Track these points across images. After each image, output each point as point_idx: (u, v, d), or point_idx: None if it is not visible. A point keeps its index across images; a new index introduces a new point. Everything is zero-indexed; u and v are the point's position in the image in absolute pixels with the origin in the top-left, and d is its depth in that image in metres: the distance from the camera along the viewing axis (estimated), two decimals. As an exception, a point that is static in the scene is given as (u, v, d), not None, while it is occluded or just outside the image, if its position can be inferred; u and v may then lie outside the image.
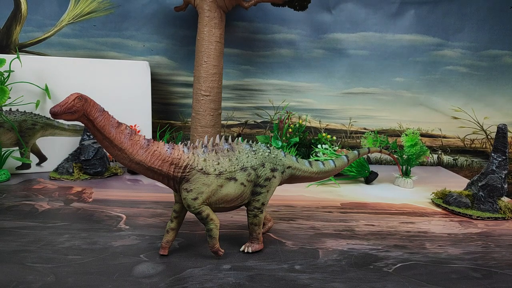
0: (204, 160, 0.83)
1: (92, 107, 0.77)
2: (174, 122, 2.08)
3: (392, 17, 2.02)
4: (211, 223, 0.84)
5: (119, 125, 0.80)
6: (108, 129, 0.78)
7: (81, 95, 0.76)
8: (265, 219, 1.02)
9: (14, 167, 1.57)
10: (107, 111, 0.80)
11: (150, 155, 0.80)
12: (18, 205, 1.20)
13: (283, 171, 0.92)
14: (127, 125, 0.82)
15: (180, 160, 0.82)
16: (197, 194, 0.81)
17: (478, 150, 2.19)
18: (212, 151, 0.85)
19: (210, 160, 0.84)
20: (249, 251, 0.90)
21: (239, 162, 0.86)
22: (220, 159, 0.85)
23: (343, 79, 2.09)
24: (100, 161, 1.56)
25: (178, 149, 0.83)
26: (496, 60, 2.08)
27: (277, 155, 0.92)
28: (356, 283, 0.77)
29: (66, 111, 0.74)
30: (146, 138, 0.83)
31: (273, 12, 1.97)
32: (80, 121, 0.79)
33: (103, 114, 0.79)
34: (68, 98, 0.75)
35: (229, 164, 0.85)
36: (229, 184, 0.84)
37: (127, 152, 0.79)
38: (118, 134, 0.79)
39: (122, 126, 0.81)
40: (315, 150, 1.69)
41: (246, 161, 0.86)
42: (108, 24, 1.90)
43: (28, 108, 1.54)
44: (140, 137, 0.81)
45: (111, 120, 0.79)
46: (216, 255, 0.87)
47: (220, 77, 1.62)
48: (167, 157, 0.81)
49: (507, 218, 1.23)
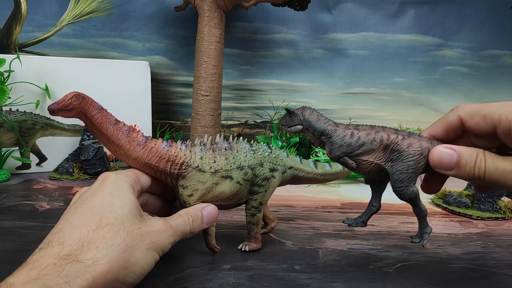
0: (201, 158, 0.84)
1: (89, 105, 0.80)
2: (174, 122, 2.08)
3: (392, 17, 2.02)
4: None
5: (117, 122, 0.82)
6: (106, 126, 0.80)
7: (78, 93, 0.79)
8: (268, 219, 1.02)
9: (14, 167, 1.57)
10: (105, 109, 0.83)
11: (147, 152, 0.82)
12: (18, 205, 1.20)
13: (284, 171, 0.92)
14: (125, 123, 0.84)
15: (177, 157, 0.83)
16: (192, 191, 0.82)
17: (478, 150, 2.19)
18: (210, 150, 0.86)
19: (206, 158, 0.84)
20: (246, 249, 0.90)
21: (236, 161, 0.86)
22: (216, 158, 0.85)
23: (343, 79, 2.09)
24: (100, 161, 1.56)
25: (175, 147, 0.84)
26: (496, 60, 2.08)
27: (279, 155, 0.92)
28: (356, 283, 0.77)
29: (63, 108, 0.77)
30: (144, 136, 0.84)
31: (273, 12, 1.97)
32: (78, 118, 0.81)
33: (101, 112, 0.81)
34: (65, 96, 0.78)
35: (225, 163, 0.85)
36: (224, 182, 0.85)
37: (124, 148, 0.81)
38: (116, 131, 0.81)
39: (120, 123, 0.83)
40: (315, 150, 1.69)
41: (244, 160, 0.87)
42: (108, 24, 1.90)
43: (28, 108, 1.54)
44: (138, 134, 0.83)
45: (109, 118, 0.82)
46: (212, 251, 0.88)
47: (220, 77, 1.62)
48: (164, 154, 0.83)
49: (507, 218, 1.23)
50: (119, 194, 0.70)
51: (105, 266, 0.57)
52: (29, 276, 0.52)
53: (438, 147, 0.67)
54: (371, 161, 0.69)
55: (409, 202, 0.72)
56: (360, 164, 0.69)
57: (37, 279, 0.52)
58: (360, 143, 0.68)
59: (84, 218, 0.63)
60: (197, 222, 0.77)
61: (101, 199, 0.67)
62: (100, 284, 0.56)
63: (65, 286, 0.52)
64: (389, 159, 0.69)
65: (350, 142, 0.68)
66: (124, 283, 0.61)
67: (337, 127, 0.70)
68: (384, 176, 0.72)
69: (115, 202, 0.67)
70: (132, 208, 0.68)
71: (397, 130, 0.71)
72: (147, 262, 0.64)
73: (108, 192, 0.69)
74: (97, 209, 0.65)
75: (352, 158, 0.69)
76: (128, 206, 0.68)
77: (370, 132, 0.69)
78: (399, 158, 0.68)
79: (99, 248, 0.59)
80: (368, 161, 0.69)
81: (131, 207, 0.68)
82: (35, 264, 0.54)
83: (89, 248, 0.58)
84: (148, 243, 0.65)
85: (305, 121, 0.70)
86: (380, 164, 0.69)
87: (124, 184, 0.73)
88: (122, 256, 0.60)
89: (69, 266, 0.55)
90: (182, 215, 0.76)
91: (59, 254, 0.55)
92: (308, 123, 0.70)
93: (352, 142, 0.68)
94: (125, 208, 0.67)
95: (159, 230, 0.69)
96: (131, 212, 0.67)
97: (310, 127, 0.70)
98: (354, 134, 0.69)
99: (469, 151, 0.65)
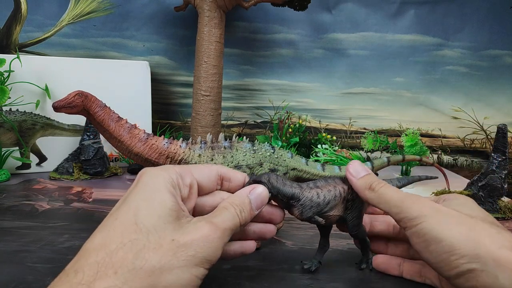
0: (199, 156, 0.87)
1: (92, 102, 0.86)
2: (174, 122, 2.08)
3: (392, 17, 2.02)
4: None
5: (119, 119, 0.88)
6: (108, 123, 0.86)
7: (81, 92, 0.86)
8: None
9: (14, 167, 1.57)
10: (108, 107, 0.89)
11: (148, 148, 0.87)
12: (18, 205, 1.20)
13: (285, 172, 0.92)
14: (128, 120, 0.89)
15: (176, 154, 0.87)
16: None
17: (478, 150, 2.20)
18: (209, 148, 0.88)
19: (204, 156, 0.87)
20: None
21: (234, 160, 0.87)
22: (215, 156, 0.87)
23: (343, 79, 2.09)
24: (100, 161, 1.56)
25: (175, 144, 0.88)
26: (496, 60, 2.08)
27: (282, 156, 0.92)
28: (356, 283, 0.77)
29: (65, 105, 0.85)
30: (146, 133, 0.89)
31: (273, 12, 1.97)
32: (81, 114, 0.88)
33: (104, 110, 0.87)
34: (69, 94, 0.85)
35: (223, 161, 0.87)
36: None
37: (126, 144, 0.87)
38: (117, 128, 0.87)
39: (122, 120, 0.88)
40: (315, 150, 1.69)
41: (242, 159, 0.87)
42: (108, 24, 1.90)
43: (28, 108, 1.54)
44: (140, 131, 0.88)
45: (111, 115, 0.87)
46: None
47: (220, 77, 1.62)
48: (163, 151, 0.87)
49: (507, 218, 1.23)
50: (150, 198, 0.56)
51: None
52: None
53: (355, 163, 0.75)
54: (335, 214, 0.75)
55: (360, 239, 0.80)
56: (327, 219, 0.74)
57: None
58: (327, 201, 0.73)
59: (104, 237, 0.52)
60: (246, 211, 0.64)
61: (127, 209, 0.55)
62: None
63: None
64: (345, 208, 0.76)
65: (319, 202, 0.72)
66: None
67: (302, 189, 0.73)
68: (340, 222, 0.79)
69: (141, 210, 0.54)
70: (163, 214, 0.54)
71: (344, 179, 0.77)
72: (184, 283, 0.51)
73: (137, 198, 0.57)
74: (119, 223, 0.53)
75: (321, 215, 0.73)
76: (158, 212, 0.54)
77: (330, 189, 0.74)
78: (353, 206, 0.76)
79: (117, 274, 0.48)
80: (333, 215, 0.74)
81: (162, 213, 0.54)
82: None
83: (106, 274, 0.47)
84: (184, 259, 0.52)
85: (274, 188, 0.71)
86: (341, 215, 0.76)
87: (160, 184, 0.58)
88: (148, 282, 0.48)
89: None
90: (227, 207, 0.62)
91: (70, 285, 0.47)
92: (276, 190, 0.71)
93: (320, 202, 0.73)
94: (154, 215, 0.54)
95: (202, 237, 0.54)
96: (161, 219, 0.54)
97: (279, 193, 0.71)
98: (319, 194, 0.73)
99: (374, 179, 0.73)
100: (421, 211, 0.64)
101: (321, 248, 0.81)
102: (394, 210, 0.67)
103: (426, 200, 0.67)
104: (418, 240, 0.65)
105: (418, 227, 0.64)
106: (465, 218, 0.63)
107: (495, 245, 0.58)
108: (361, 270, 0.81)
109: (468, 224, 0.62)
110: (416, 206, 0.65)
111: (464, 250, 0.59)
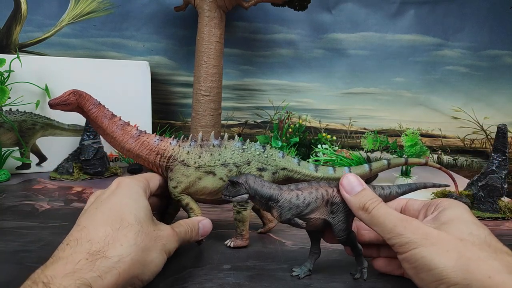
0: (187, 153, 0.89)
1: (86, 101, 0.91)
2: (174, 122, 2.08)
3: (392, 17, 2.02)
4: (191, 212, 0.90)
5: (112, 116, 0.92)
6: (101, 120, 0.91)
7: (76, 91, 0.90)
8: (266, 220, 1.01)
9: (14, 167, 1.57)
10: (102, 105, 0.93)
11: (139, 144, 0.91)
12: (18, 205, 1.20)
13: (275, 172, 0.91)
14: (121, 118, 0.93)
15: (165, 151, 0.90)
16: (177, 183, 0.88)
17: (478, 150, 2.20)
18: (198, 145, 0.90)
19: (192, 153, 0.89)
20: (231, 245, 0.91)
21: (221, 158, 0.89)
22: (202, 153, 0.89)
23: (343, 79, 2.09)
24: (100, 161, 1.56)
25: (166, 141, 0.92)
26: (496, 60, 2.08)
27: (272, 155, 0.92)
28: (356, 283, 0.77)
29: (60, 103, 0.89)
30: (139, 130, 0.93)
31: (273, 12, 1.97)
32: (76, 112, 0.93)
33: (98, 107, 0.92)
34: (64, 92, 0.90)
35: (210, 159, 0.89)
36: (207, 178, 0.88)
37: (118, 140, 0.91)
38: (111, 125, 0.91)
39: (116, 118, 0.92)
40: (315, 150, 1.69)
41: (230, 158, 0.89)
42: (108, 24, 1.90)
43: (28, 108, 1.54)
44: (133, 128, 0.92)
45: (105, 112, 0.92)
46: (198, 243, 0.91)
47: (220, 77, 1.62)
48: (154, 147, 0.91)
49: (507, 218, 1.23)
50: (136, 198, 0.74)
51: (128, 264, 0.61)
52: (65, 270, 0.56)
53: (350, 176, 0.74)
54: (317, 218, 0.73)
55: (350, 245, 0.77)
56: (308, 222, 0.73)
57: (73, 273, 0.55)
58: (307, 203, 0.72)
59: (107, 218, 0.67)
60: (194, 232, 0.84)
61: (120, 201, 0.72)
62: (124, 280, 0.61)
63: (99, 279, 0.57)
64: (330, 211, 0.74)
65: (298, 204, 0.72)
66: (141, 280, 0.65)
67: (281, 190, 0.73)
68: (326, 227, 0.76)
69: (132, 205, 0.72)
70: (146, 212, 0.73)
71: (330, 182, 0.76)
72: (160, 262, 0.70)
73: (126, 195, 0.74)
74: (117, 210, 0.69)
75: (301, 218, 0.72)
76: (143, 210, 0.72)
77: (312, 191, 0.73)
78: (338, 210, 0.74)
79: (123, 246, 0.63)
80: (315, 218, 0.73)
81: (146, 211, 0.73)
82: (68, 259, 0.58)
83: (115, 246, 0.62)
84: (160, 245, 0.70)
85: (251, 189, 0.71)
86: (325, 218, 0.74)
87: (138, 189, 0.77)
88: (142, 255, 0.65)
89: (99, 261, 0.58)
90: (183, 224, 0.82)
91: (89, 251, 0.59)
92: (254, 191, 0.71)
93: (299, 204, 0.72)
94: (142, 211, 0.72)
95: (168, 235, 0.74)
96: (146, 215, 0.72)
97: (257, 194, 0.71)
98: (299, 195, 0.72)
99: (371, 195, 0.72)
100: (411, 238, 0.64)
101: (312, 255, 0.79)
102: (387, 235, 0.68)
103: (418, 225, 0.67)
104: (409, 266, 0.66)
105: (408, 254, 0.64)
106: (455, 244, 0.63)
107: (485, 272, 0.58)
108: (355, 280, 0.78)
109: (458, 251, 0.61)
110: (408, 232, 0.65)
111: (454, 279, 0.59)
